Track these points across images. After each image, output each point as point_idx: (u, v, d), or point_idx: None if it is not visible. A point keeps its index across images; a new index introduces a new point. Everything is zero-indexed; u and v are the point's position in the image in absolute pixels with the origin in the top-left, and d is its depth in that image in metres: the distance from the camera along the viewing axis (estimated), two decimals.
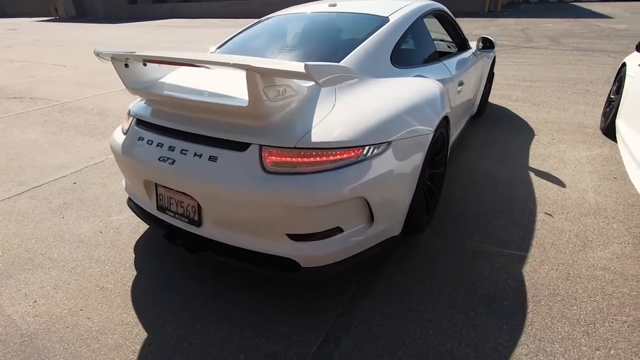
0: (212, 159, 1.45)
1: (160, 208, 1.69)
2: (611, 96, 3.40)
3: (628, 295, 1.62)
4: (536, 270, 1.78)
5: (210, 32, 15.07)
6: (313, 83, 1.43)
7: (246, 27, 2.58)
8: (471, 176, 2.73)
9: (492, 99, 4.59)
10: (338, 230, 1.49)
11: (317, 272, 1.51)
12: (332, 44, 2.14)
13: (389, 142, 1.52)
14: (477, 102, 3.60)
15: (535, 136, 3.40)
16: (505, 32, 11.65)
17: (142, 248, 2.03)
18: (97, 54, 1.67)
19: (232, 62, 1.28)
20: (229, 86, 1.53)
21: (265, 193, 1.35)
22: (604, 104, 3.71)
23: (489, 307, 1.59)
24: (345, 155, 1.40)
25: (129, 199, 1.97)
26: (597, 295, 1.62)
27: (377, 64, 1.92)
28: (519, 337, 1.44)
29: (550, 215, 2.20)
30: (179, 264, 1.88)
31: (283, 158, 1.38)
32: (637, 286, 1.66)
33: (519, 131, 3.55)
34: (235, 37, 2.45)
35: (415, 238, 2.04)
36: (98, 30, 17.94)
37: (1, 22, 28.43)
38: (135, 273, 1.85)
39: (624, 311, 1.54)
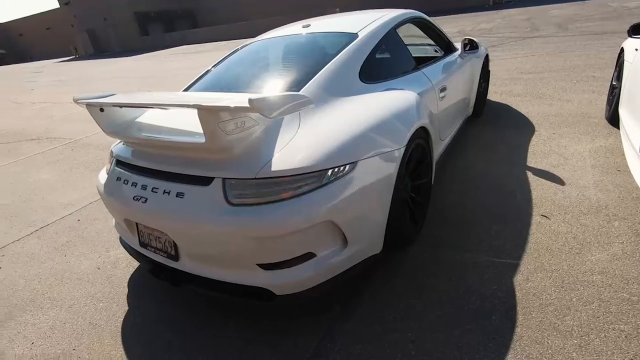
0: (180, 195, 1.48)
1: (142, 244, 1.74)
2: (613, 83, 3.24)
3: (627, 301, 1.52)
4: (528, 279, 1.70)
5: (216, 55, 15.53)
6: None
7: (227, 55, 2.65)
8: (467, 179, 2.66)
9: (492, 95, 4.49)
10: (310, 255, 1.47)
11: (293, 297, 1.49)
12: (301, 66, 2.17)
13: (354, 163, 1.50)
14: (472, 102, 3.53)
15: (536, 132, 3.29)
16: (510, 23, 11.41)
17: (136, 282, 2.08)
18: (76, 101, 1.76)
19: (183, 103, 1.33)
20: (193, 123, 1.48)
21: (231, 225, 1.37)
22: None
23: (476, 322, 1.52)
24: (308, 181, 1.40)
25: (120, 238, 2.02)
26: (593, 303, 1.53)
27: (344, 83, 1.92)
28: (505, 355, 1.37)
29: (547, 218, 2.11)
30: (170, 297, 1.92)
31: (245, 190, 1.40)
32: (637, 289, 1.56)
33: (518, 128, 3.44)
34: (211, 71, 2.50)
35: (403, 252, 2.00)
36: (113, 65, 18.84)
37: (28, 66, 30.37)
38: (127, 308, 1.89)
39: (622, 319, 1.44)
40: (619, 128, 3.02)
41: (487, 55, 3.84)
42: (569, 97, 4.09)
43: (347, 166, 1.48)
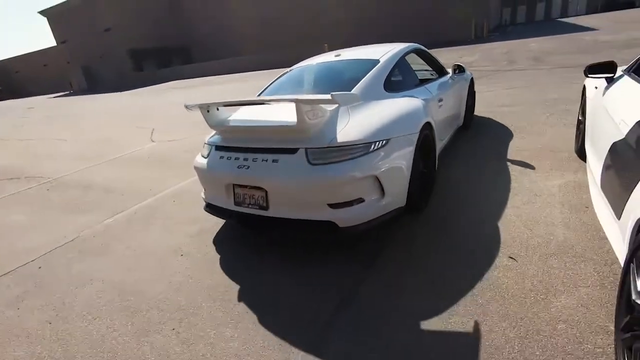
0: (275, 161, 2.21)
1: (237, 203, 2.40)
2: (579, 118, 3.31)
3: (591, 354, 1.45)
4: (492, 330, 1.63)
5: (206, 89, 15.81)
6: (334, 107, 2.33)
7: (278, 76, 3.59)
8: (436, 221, 2.62)
9: (471, 129, 4.56)
10: (361, 200, 2.17)
11: (349, 229, 2.16)
12: (341, 81, 3.05)
13: (388, 140, 2.26)
14: (462, 115, 4.36)
15: (507, 167, 3.30)
16: (490, 57, 11.85)
17: (82, 341, 1.96)
18: (187, 107, 2.52)
19: (285, 99, 2.13)
20: (277, 115, 2.42)
21: (311, 178, 2.10)
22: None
23: None
24: (359, 149, 2.14)
25: (207, 204, 2.70)
26: (556, 357, 1.46)
27: (374, 92, 2.76)
28: None
29: (514, 260, 2.06)
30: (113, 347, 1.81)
31: (320, 155, 2.12)
32: (602, 341, 1.49)
33: (489, 165, 3.46)
34: (273, 84, 3.44)
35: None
36: (106, 100, 19.04)
37: (22, 102, 30.64)
38: None
39: None
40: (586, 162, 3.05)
41: (472, 78, 4.73)
42: (541, 130, 4.16)
43: (384, 141, 2.24)
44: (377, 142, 2.20)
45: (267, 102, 2.45)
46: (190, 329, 1.92)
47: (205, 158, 2.59)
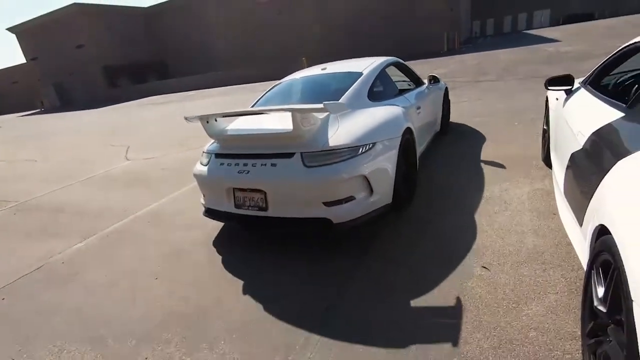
0: (273, 165, 2.42)
1: (237, 206, 2.59)
2: (544, 127, 3.46)
3: None
4: (467, 342, 1.65)
5: (183, 104, 15.65)
6: (325, 114, 2.58)
7: (270, 88, 3.82)
8: (409, 231, 2.66)
9: (446, 139, 4.68)
10: (352, 198, 2.39)
11: (342, 225, 2.37)
12: (329, 92, 3.29)
13: (374, 143, 2.51)
14: (439, 121, 4.72)
15: (479, 176, 3.40)
16: (463, 68, 12.29)
17: None
18: (186, 119, 2.72)
19: (282, 108, 2.40)
20: (272, 124, 2.67)
21: (307, 179, 2.31)
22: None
23: None
24: (349, 152, 2.38)
25: (207, 209, 2.87)
26: None
27: (359, 101, 3.02)
28: None
29: (487, 269, 2.11)
30: None
31: (314, 158, 2.35)
32: (570, 346, 1.54)
33: (461, 173, 3.56)
34: (265, 95, 3.70)
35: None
36: (78, 118, 18.52)
37: None
38: None
39: None
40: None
41: (446, 88, 5.08)
42: (512, 138, 4.32)
43: (371, 144, 2.48)
44: (365, 146, 2.44)
45: (265, 112, 2.68)
46: (164, 358, 1.85)
47: (205, 165, 2.77)
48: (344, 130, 2.53)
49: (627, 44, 2.11)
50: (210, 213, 2.86)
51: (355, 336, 1.78)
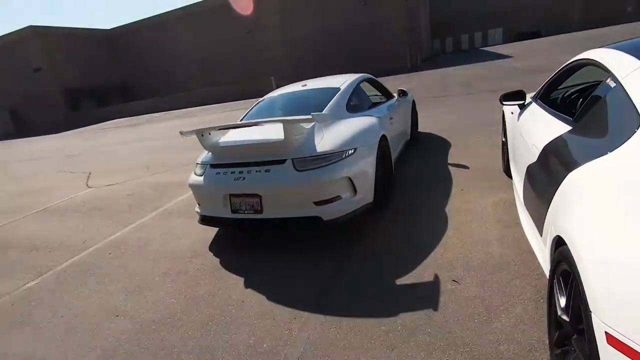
0: (267, 171, 2.68)
1: (233, 211, 2.80)
2: (503, 139, 3.62)
3: None
4: None
5: (147, 128, 15.23)
6: (312, 124, 2.90)
7: (255, 103, 4.22)
8: (377, 247, 2.67)
9: (414, 152, 4.80)
10: (338, 197, 2.67)
11: (330, 222, 2.63)
12: (310, 106, 3.43)
13: (356, 149, 2.82)
14: (409, 131, 5.13)
15: (445, 190, 3.48)
16: (425, 84, 12.81)
17: None
18: (181, 133, 2.97)
19: (274, 120, 2.76)
20: (262, 134, 2.83)
21: (299, 182, 2.60)
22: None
23: None
24: (335, 157, 2.68)
25: (203, 217, 3.04)
26: None
27: (339, 112, 3.38)
28: None
29: (457, 283, 2.13)
30: None
31: (305, 163, 2.64)
32: (540, 356, 1.56)
33: (429, 187, 3.64)
34: (251, 110, 4.05)
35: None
36: (34, 145, 17.54)
37: None
38: None
39: None
40: None
41: (413, 100, 5.62)
42: (476, 151, 4.49)
43: (353, 150, 2.79)
44: (348, 151, 2.76)
45: (258, 124, 2.88)
46: None
47: (201, 176, 2.99)
48: (329, 138, 2.84)
49: (571, 60, 2.25)
50: (206, 220, 3.04)
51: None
